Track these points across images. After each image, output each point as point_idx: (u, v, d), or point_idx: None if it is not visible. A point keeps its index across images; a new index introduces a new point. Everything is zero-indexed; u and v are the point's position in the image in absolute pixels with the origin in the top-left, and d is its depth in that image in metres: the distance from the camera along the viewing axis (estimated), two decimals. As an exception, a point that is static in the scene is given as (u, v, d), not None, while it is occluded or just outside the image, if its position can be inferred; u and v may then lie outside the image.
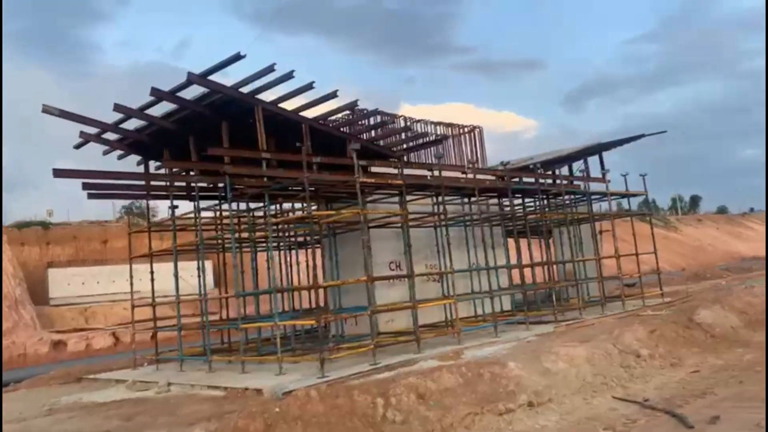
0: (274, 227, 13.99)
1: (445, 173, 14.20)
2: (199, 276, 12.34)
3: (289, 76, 10.19)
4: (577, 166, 19.17)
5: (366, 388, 8.00)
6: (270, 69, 10.03)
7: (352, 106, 12.31)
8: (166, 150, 12.97)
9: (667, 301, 17.39)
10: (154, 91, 10.73)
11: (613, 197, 18.22)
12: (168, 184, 12.85)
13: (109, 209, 44.67)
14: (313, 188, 11.40)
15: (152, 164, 13.73)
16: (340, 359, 10.79)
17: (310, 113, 12.92)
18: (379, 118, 14.01)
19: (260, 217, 13.58)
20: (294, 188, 12.53)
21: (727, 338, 12.98)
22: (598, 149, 18.92)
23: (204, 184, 12.83)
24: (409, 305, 11.65)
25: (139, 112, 11.89)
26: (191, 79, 10.25)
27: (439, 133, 15.90)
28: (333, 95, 11.68)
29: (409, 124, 15.87)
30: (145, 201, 14.95)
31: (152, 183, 13.49)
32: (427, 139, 14.72)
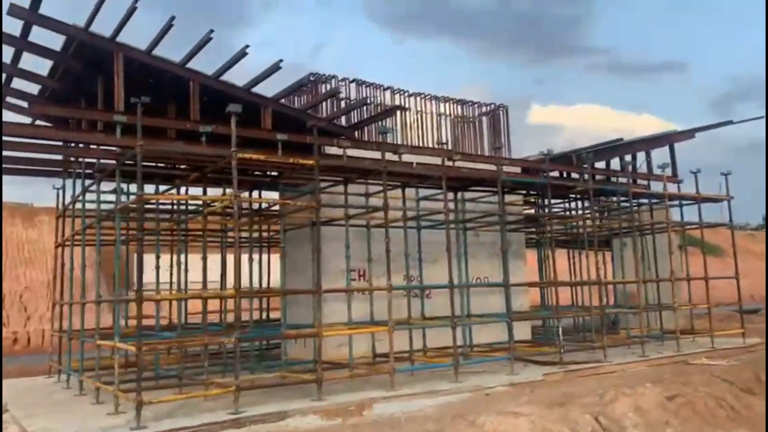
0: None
1: (417, 158, 10.89)
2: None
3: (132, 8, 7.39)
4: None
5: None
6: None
7: (274, 69, 9.17)
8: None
9: (748, 344, 12.79)
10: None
11: (684, 202, 13.76)
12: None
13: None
14: (182, 165, 8.60)
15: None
16: (214, 398, 7.89)
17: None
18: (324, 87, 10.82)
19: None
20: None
21: (808, 414, 8.60)
22: (666, 139, 14.60)
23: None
24: (312, 331, 8.46)
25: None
26: (11, 12, 7.68)
27: (407, 106, 12.22)
28: (242, 53, 8.76)
29: (393, 98, 12.51)
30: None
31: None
32: (379, 110, 11.35)
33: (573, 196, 13.35)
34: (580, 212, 14.27)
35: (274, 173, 9.62)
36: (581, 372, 9.99)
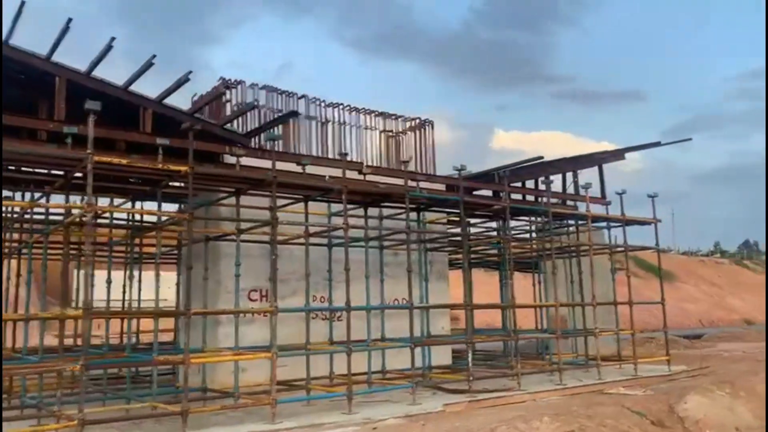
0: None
1: (333, 171, 10.23)
2: None
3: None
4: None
5: None
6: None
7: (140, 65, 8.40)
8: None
9: (672, 372, 12.34)
10: None
11: (612, 224, 13.35)
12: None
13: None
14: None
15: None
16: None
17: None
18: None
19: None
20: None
21: (718, 450, 8.13)
22: (592, 159, 14.26)
23: None
24: (178, 358, 7.65)
25: None
26: None
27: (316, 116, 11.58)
28: (108, 48, 8.01)
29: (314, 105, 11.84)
30: None
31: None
32: (275, 116, 10.69)
33: (502, 216, 12.79)
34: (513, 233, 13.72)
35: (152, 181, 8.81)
36: (487, 402, 9.34)
